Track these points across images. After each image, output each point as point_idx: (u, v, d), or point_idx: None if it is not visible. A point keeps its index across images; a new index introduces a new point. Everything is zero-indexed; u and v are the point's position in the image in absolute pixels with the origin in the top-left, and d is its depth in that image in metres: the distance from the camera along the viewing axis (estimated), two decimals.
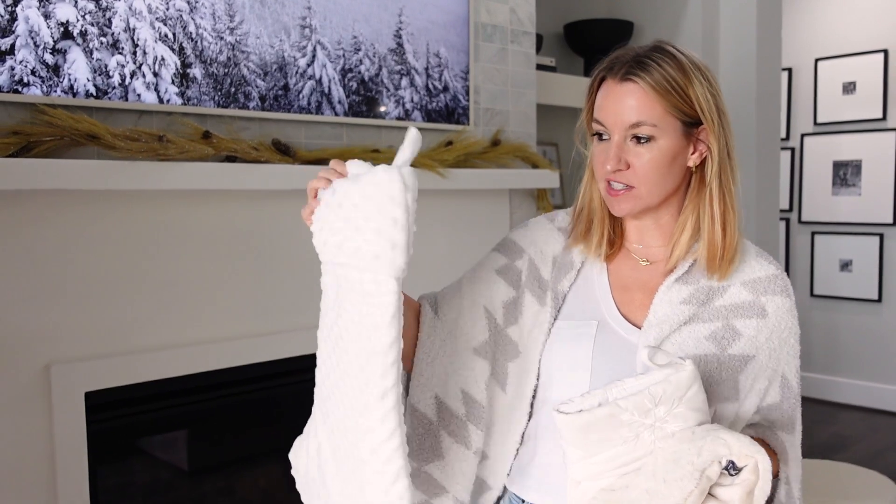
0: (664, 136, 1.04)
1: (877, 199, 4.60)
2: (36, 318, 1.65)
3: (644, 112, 1.03)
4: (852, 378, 4.76)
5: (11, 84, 1.59)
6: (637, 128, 1.03)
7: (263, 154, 1.93)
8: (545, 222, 1.21)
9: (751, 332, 1.07)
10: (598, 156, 1.08)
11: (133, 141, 1.71)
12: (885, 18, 4.56)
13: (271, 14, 1.97)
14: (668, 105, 1.03)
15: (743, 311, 1.07)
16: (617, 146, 1.04)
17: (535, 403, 1.10)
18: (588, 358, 1.06)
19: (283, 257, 2.03)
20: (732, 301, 1.08)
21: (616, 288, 1.12)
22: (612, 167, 1.04)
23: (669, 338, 1.05)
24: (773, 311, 1.09)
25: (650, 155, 1.04)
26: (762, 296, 1.09)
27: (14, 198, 1.61)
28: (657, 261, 1.13)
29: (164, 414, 1.90)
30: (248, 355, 1.95)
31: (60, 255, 1.68)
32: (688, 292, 1.07)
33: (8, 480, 1.62)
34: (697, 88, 1.04)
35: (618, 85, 1.04)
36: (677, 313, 1.05)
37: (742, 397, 1.06)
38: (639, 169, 1.05)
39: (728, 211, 1.08)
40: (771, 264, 1.12)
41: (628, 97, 1.03)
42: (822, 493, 2.40)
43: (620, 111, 1.04)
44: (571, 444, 0.92)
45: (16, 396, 1.63)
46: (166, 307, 1.84)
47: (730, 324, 1.06)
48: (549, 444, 1.07)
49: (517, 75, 2.64)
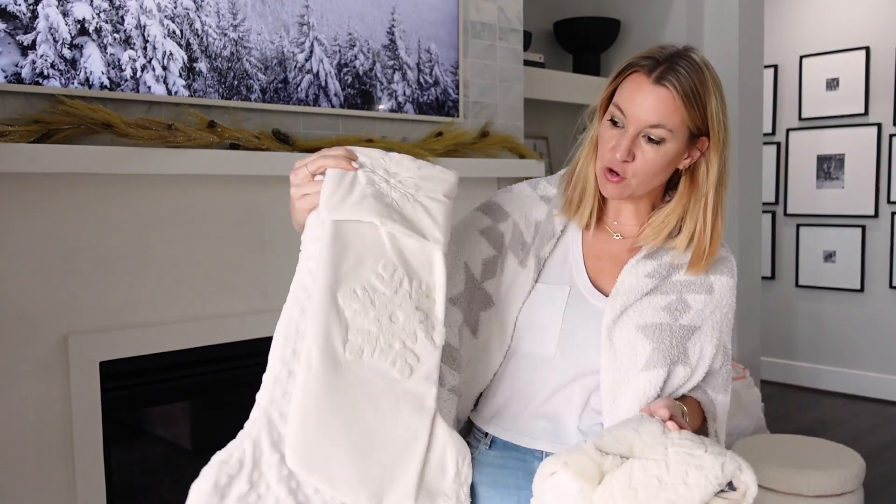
0: (673, 140, 1.13)
1: (859, 191, 4.72)
2: (54, 291, 1.76)
3: (666, 117, 1.11)
4: (835, 366, 4.88)
5: (33, 76, 1.71)
6: (655, 129, 1.11)
7: (264, 142, 2.05)
8: (529, 189, 1.29)
9: (699, 306, 1.19)
10: (608, 140, 1.15)
11: (144, 129, 1.82)
12: (867, 17, 4.67)
13: (271, 12, 2.09)
14: (687, 116, 1.12)
15: (694, 287, 1.19)
16: (630, 139, 1.12)
17: (507, 352, 1.21)
18: (559, 319, 1.17)
19: (283, 238, 2.14)
20: (686, 277, 1.20)
21: (589, 257, 1.22)
22: (621, 156, 1.12)
23: (632, 305, 1.16)
24: (718, 289, 1.21)
25: (655, 155, 1.13)
26: (711, 274, 1.21)
27: (35, 181, 1.72)
28: (629, 237, 1.24)
29: (173, 384, 2.00)
30: (250, 330, 2.06)
31: (77, 233, 1.79)
32: (652, 267, 1.19)
33: (29, 442, 1.74)
34: (713, 104, 1.13)
35: (650, 84, 1.11)
36: (641, 285, 1.17)
37: (693, 363, 1.17)
38: (640, 165, 1.13)
39: (718, 220, 1.18)
40: (722, 248, 1.23)
41: (657, 99, 1.10)
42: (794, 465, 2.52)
43: (645, 109, 1.11)
44: None
45: (36, 364, 1.74)
46: (174, 283, 1.95)
47: (682, 297, 1.18)
48: (512, 386, 1.19)
49: (505, 70, 2.76)
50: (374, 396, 0.97)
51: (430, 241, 1.04)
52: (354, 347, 0.97)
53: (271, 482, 0.94)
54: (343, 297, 0.98)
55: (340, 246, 0.99)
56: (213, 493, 0.92)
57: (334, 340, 0.96)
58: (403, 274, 1.01)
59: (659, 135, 1.11)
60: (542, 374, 1.17)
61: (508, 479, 1.18)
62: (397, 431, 0.98)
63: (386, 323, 0.99)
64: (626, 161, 1.13)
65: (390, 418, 0.97)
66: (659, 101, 1.10)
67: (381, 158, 1.06)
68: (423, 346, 1.01)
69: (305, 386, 0.95)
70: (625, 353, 1.14)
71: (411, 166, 1.07)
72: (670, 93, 1.10)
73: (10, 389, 1.71)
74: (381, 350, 0.98)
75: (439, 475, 1.00)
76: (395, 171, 1.05)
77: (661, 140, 1.12)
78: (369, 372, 0.97)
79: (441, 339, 1.03)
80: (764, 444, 2.75)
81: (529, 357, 1.19)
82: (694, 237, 1.18)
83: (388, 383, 0.98)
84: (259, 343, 2.09)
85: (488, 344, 1.21)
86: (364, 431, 0.96)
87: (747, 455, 2.59)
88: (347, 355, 0.96)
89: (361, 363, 0.97)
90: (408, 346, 1.00)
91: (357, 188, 1.01)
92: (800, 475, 2.46)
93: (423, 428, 0.99)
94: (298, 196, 1.05)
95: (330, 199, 0.99)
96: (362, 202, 1.00)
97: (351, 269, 0.99)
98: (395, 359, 0.99)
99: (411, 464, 0.98)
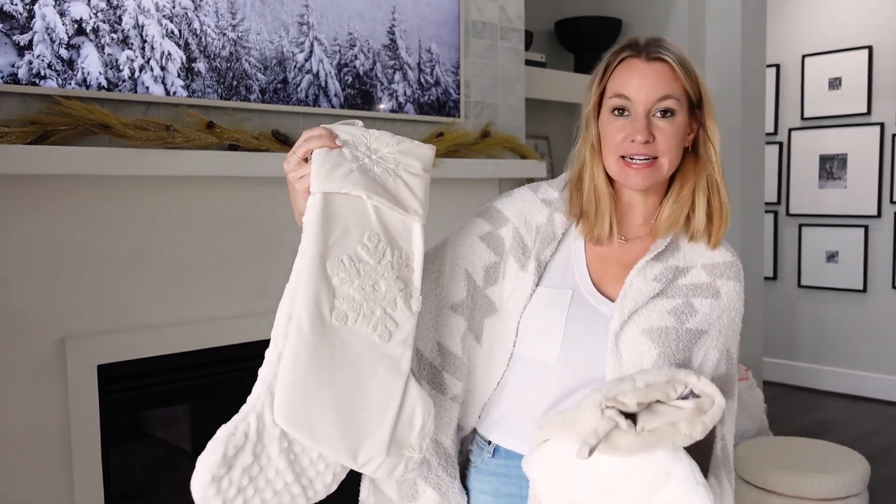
0: (681, 111, 1.14)
1: (862, 191, 4.70)
2: (52, 294, 1.75)
3: (670, 86, 1.13)
4: (837, 366, 4.87)
5: (30, 77, 1.70)
6: (665, 101, 1.13)
7: (263, 143, 2.03)
8: (529, 193, 1.27)
9: (706, 311, 1.17)
10: (618, 132, 1.14)
11: (142, 130, 1.81)
12: (869, 16, 4.66)
13: (271, 12, 2.08)
14: (687, 82, 1.14)
15: (701, 291, 1.17)
16: (644, 118, 1.13)
17: (510, 360, 1.20)
18: (561, 325, 1.15)
19: (281, 239, 2.12)
20: (693, 281, 1.18)
21: (592, 261, 1.20)
22: (642, 138, 1.12)
23: (639, 310, 1.14)
24: (725, 294, 1.19)
25: (672, 128, 1.13)
26: (718, 279, 1.19)
27: (32, 182, 1.71)
28: (633, 238, 1.22)
29: (172, 387, 2.00)
30: (249, 333, 2.04)
31: (75, 236, 1.78)
32: (659, 270, 1.17)
33: (27, 446, 1.73)
34: (699, 73, 1.17)
35: (644, 63, 1.13)
36: (649, 288, 1.15)
37: (697, 366, 1.16)
38: (663, 142, 1.13)
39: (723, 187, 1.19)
40: (728, 251, 1.22)
41: (657, 73, 1.13)
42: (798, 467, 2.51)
43: (649, 85, 1.12)
44: None
45: (34, 367, 1.73)
46: (172, 285, 1.93)
47: (689, 301, 1.16)
48: (516, 394, 1.18)
49: (506, 70, 2.75)
50: (355, 359, 1.04)
51: (410, 213, 1.09)
52: (340, 313, 1.04)
53: (272, 454, 1.01)
54: (331, 265, 1.04)
55: (329, 217, 1.05)
56: (221, 465, 0.98)
57: (322, 306, 1.03)
58: (386, 245, 1.08)
59: (669, 105, 1.13)
60: (546, 381, 1.15)
61: (511, 488, 1.17)
62: (375, 391, 1.05)
63: (370, 291, 1.06)
64: (647, 142, 1.13)
65: (369, 379, 1.05)
66: (660, 73, 1.13)
67: (363, 135, 1.11)
68: (401, 313, 1.08)
69: (295, 349, 1.01)
70: (630, 357, 1.12)
71: (391, 142, 1.11)
72: (667, 64, 1.13)
73: (7, 393, 1.70)
74: (363, 316, 1.05)
75: (407, 430, 1.07)
76: (376, 148, 1.11)
77: (672, 111, 1.13)
78: (352, 336, 1.04)
79: (418, 305, 1.09)
80: (767, 447, 2.73)
81: (532, 363, 1.17)
82: (712, 211, 1.18)
83: (368, 347, 1.05)
84: (258, 345, 2.08)
85: (493, 351, 1.19)
86: (345, 391, 1.03)
87: (751, 458, 2.58)
88: (334, 321, 1.03)
89: (346, 328, 1.04)
90: (388, 313, 1.07)
91: (343, 164, 1.07)
92: (804, 478, 2.44)
93: (398, 388, 1.07)
94: (295, 179, 1.08)
95: (318, 173, 1.05)
96: (349, 176, 1.06)
97: (339, 239, 1.05)
98: (377, 324, 1.06)
99: (385, 420, 1.05)
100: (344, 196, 1.06)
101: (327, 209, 1.05)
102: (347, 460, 1.04)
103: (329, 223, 1.05)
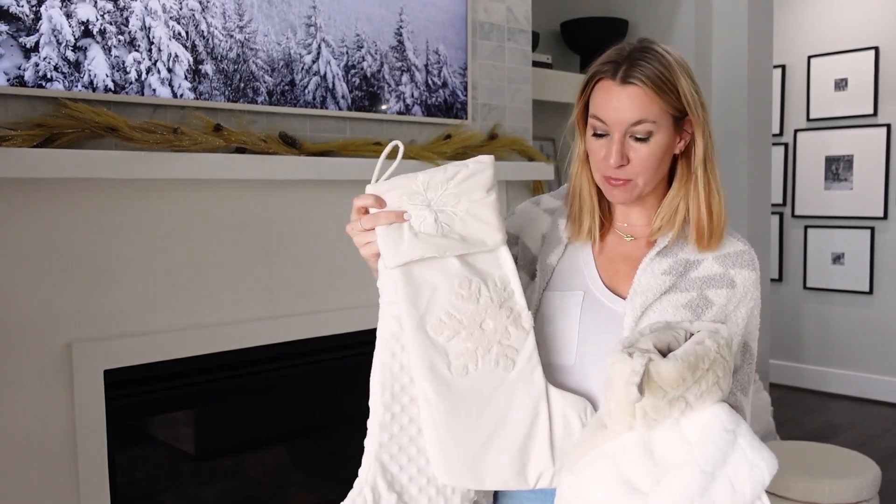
0: (660, 131, 1.12)
1: (868, 193, 4.68)
2: (58, 299, 1.74)
3: (644, 110, 1.10)
4: (844, 369, 4.85)
5: (36, 79, 1.68)
6: (638, 125, 1.11)
7: (271, 146, 2.02)
8: (531, 206, 1.30)
9: (721, 301, 1.15)
10: (598, 151, 1.15)
11: (149, 133, 1.80)
12: (875, 17, 4.64)
13: (278, 13, 2.06)
14: (664, 103, 1.11)
15: (714, 283, 1.16)
16: (618, 143, 1.12)
17: None
18: (575, 326, 1.15)
19: (289, 244, 2.12)
20: (706, 273, 1.17)
21: (601, 261, 1.21)
22: (614, 162, 1.12)
23: (652, 306, 1.13)
24: (740, 283, 1.17)
25: (648, 150, 1.12)
26: (731, 269, 1.17)
27: (38, 186, 1.69)
28: (640, 237, 1.22)
29: (179, 392, 1.98)
30: (256, 337, 2.04)
31: (81, 240, 1.76)
32: (667, 264, 1.16)
33: (33, 451, 1.71)
34: (683, 84, 1.12)
35: (619, 87, 1.11)
36: (659, 283, 1.14)
37: None
38: (637, 164, 1.13)
39: (713, 194, 1.17)
40: (740, 241, 1.21)
41: (630, 98, 1.10)
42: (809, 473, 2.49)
43: (622, 110, 1.11)
44: None
45: (40, 372, 1.72)
46: (179, 290, 1.92)
47: (703, 294, 1.15)
48: None
49: (514, 72, 2.73)
50: (490, 398, 1.06)
51: (491, 245, 1.09)
52: (459, 368, 1.06)
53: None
54: (433, 328, 1.06)
55: (414, 286, 1.06)
56: None
57: (440, 370, 1.05)
58: (479, 283, 1.08)
59: (644, 130, 1.11)
60: (567, 386, 1.14)
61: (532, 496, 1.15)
62: (521, 416, 1.06)
63: (479, 334, 1.07)
64: (622, 165, 1.13)
65: (511, 409, 1.06)
66: (632, 98, 1.11)
67: (411, 185, 1.08)
68: (517, 338, 1.08)
69: (431, 419, 1.04)
70: None
71: (443, 180, 1.09)
72: (639, 88, 1.10)
73: (13, 398, 1.68)
74: (482, 359, 1.07)
75: (566, 435, 1.07)
76: (431, 196, 1.09)
77: (649, 134, 1.12)
78: (479, 381, 1.06)
79: (529, 320, 1.09)
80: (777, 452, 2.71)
81: (551, 369, 1.15)
82: (700, 214, 1.17)
83: (498, 382, 1.07)
84: (265, 350, 2.08)
85: None
86: (493, 431, 1.05)
87: None
88: (456, 378, 1.05)
89: (470, 377, 1.06)
90: (504, 344, 1.08)
91: (407, 231, 1.07)
92: (815, 483, 2.42)
93: (541, 403, 1.08)
94: (361, 246, 1.11)
95: (387, 249, 1.06)
96: (416, 241, 1.06)
97: (430, 301, 1.06)
98: (498, 359, 1.07)
99: (539, 436, 1.06)
100: (419, 261, 1.06)
101: (409, 279, 1.06)
102: (521, 485, 1.06)
103: (415, 291, 1.06)
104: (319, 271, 2.19)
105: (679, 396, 0.94)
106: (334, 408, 2.36)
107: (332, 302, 2.21)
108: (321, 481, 2.42)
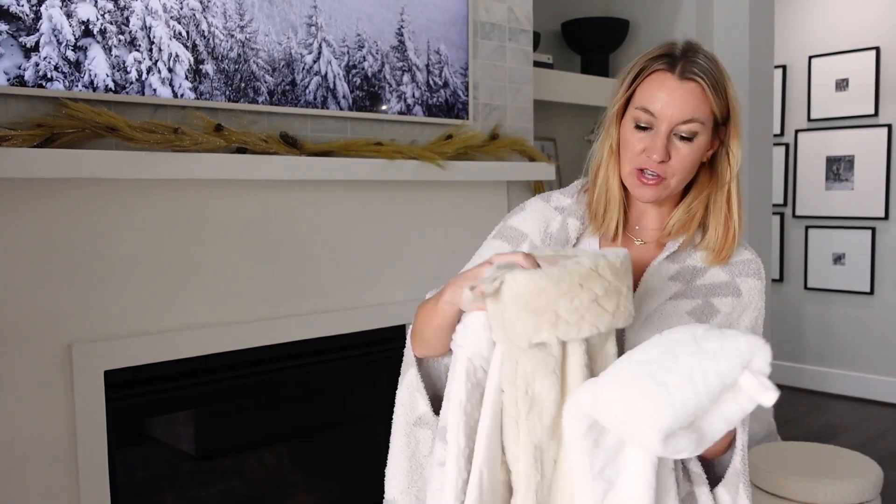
0: (704, 133, 1.12)
1: (869, 193, 4.67)
2: (59, 299, 1.73)
3: (697, 109, 1.10)
4: (845, 369, 4.84)
5: (36, 79, 1.68)
6: (687, 123, 1.10)
7: (272, 146, 2.01)
8: (541, 203, 1.27)
9: (727, 309, 1.15)
10: (637, 144, 1.13)
11: (150, 133, 1.79)
12: (876, 17, 4.63)
13: (279, 13, 2.06)
14: (715, 105, 1.11)
15: (720, 290, 1.16)
16: (664, 138, 1.10)
17: None
18: None
19: (289, 244, 2.11)
20: (712, 281, 1.16)
21: None
22: (658, 157, 1.10)
23: (656, 309, 1.13)
24: (746, 292, 1.17)
25: (690, 151, 1.11)
26: (738, 277, 1.17)
27: (38, 186, 1.69)
28: (650, 241, 1.21)
29: (180, 393, 1.98)
30: (257, 338, 2.03)
31: (82, 240, 1.76)
32: (675, 270, 1.16)
33: (33, 452, 1.70)
34: (731, 90, 1.13)
35: (677, 81, 1.10)
36: (665, 288, 1.14)
37: None
38: (677, 163, 1.12)
39: (734, 209, 1.17)
40: (747, 250, 1.21)
41: (687, 94, 1.09)
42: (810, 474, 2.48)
43: (676, 106, 1.09)
44: None
45: (40, 373, 1.71)
46: (180, 290, 1.91)
47: (709, 301, 1.14)
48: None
49: (515, 72, 2.73)
50: None
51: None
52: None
53: None
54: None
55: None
56: None
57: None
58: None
59: (691, 129, 1.11)
60: None
61: None
62: None
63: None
64: (663, 162, 1.12)
65: None
66: (690, 95, 1.10)
67: None
68: None
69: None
70: None
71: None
72: (699, 85, 1.10)
73: (13, 398, 1.68)
74: None
75: None
76: None
77: (694, 134, 1.11)
78: None
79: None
80: (777, 452, 2.70)
81: None
82: (719, 229, 1.16)
83: None
84: (266, 351, 2.07)
85: None
86: None
87: (763, 464, 2.55)
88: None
89: None
90: None
91: None
92: (816, 484, 2.42)
93: None
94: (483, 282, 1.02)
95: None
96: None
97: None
98: None
99: None
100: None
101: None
102: None
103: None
104: (320, 272, 2.18)
105: (547, 307, 0.92)
106: (334, 408, 2.36)
107: (333, 302, 2.20)
108: (321, 481, 2.42)
